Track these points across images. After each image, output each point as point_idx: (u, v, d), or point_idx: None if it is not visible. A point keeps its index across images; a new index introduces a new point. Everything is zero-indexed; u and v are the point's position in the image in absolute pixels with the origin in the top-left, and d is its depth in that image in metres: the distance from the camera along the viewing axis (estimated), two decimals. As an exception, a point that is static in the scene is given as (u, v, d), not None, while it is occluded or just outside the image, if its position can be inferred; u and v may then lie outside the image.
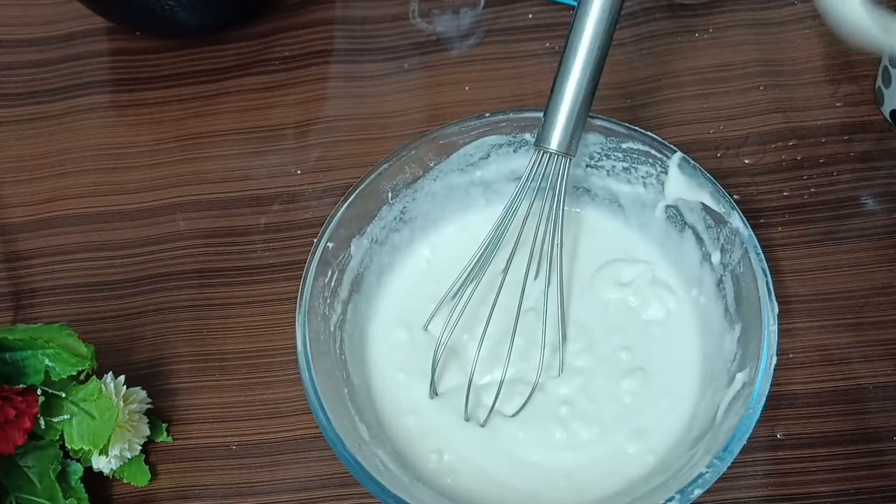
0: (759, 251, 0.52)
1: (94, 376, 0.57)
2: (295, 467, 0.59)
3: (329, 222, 0.56)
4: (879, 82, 0.66)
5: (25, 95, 0.77)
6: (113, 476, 0.59)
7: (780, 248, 0.62)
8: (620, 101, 0.69)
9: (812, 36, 0.70)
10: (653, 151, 0.57)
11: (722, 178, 0.64)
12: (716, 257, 0.56)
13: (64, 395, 0.55)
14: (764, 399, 0.48)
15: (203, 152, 0.72)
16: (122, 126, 0.75)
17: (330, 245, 0.55)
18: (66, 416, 0.55)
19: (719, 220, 0.55)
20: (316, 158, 0.70)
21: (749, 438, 0.48)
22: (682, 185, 0.56)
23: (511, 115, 0.58)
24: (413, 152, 0.58)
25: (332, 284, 0.56)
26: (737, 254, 0.54)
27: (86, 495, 0.57)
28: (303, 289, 0.54)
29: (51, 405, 0.55)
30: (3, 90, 0.77)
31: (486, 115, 0.58)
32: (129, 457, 0.58)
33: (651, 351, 0.57)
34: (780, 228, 0.63)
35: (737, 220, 0.53)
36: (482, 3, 0.75)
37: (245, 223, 0.68)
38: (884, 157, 0.65)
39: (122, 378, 0.58)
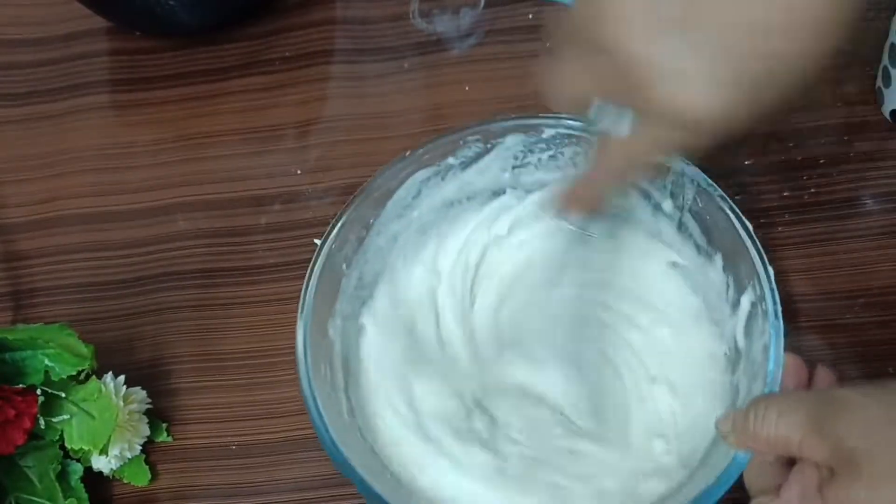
0: (711, 182, 0.54)
1: (94, 376, 0.57)
2: (294, 467, 0.59)
3: (302, 309, 0.53)
4: (879, 82, 0.66)
5: (25, 95, 0.77)
6: (113, 476, 0.59)
7: (780, 248, 0.62)
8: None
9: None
10: (574, 132, 0.57)
11: (722, 178, 0.64)
12: (667, 205, 0.56)
13: (64, 394, 0.55)
14: (780, 310, 0.49)
15: (203, 152, 0.72)
16: (122, 126, 0.75)
17: (308, 338, 0.53)
18: (65, 416, 0.55)
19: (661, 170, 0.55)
20: (316, 158, 0.70)
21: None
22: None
23: (430, 145, 0.58)
24: (354, 213, 0.57)
25: (329, 377, 0.54)
26: (689, 193, 0.55)
27: (86, 495, 0.57)
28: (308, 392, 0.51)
29: (51, 405, 0.55)
30: (3, 90, 0.77)
31: (407, 153, 0.58)
32: (129, 457, 0.58)
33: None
34: (780, 228, 0.63)
35: (678, 163, 0.54)
36: (482, 3, 0.75)
37: (246, 223, 0.68)
38: (884, 157, 0.65)
39: (122, 378, 0.58)
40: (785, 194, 0.64)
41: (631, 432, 0.55)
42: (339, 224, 0.56)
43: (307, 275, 0.54)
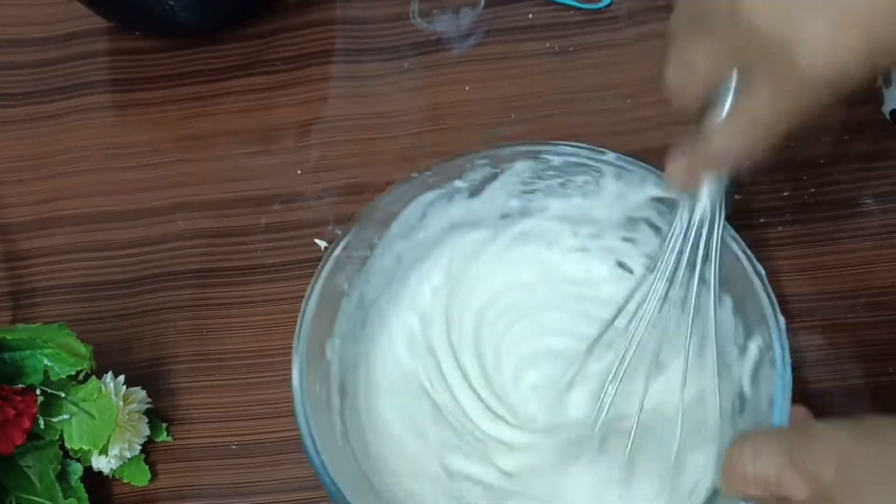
0: (726, 222, 0.52)
1: (94, 376, 0.57)
2: (294, 467, 0.59)
3: (299, 329, 0.53)
4: (879, 82, 0.65)
5: (25, 95, 0.77)
6: (113, 476, 0.59)
7: (780, 247, 0.62)
8: (620, 102, 0.69)
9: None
10: (584, 160, 0.56)
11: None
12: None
13: (63, 394, 0.55)
14: (790, 360, 0.48)
15: (203, 152, 0.72)
16: (122, 126, 0.75)
17: (306, 355, 0.52)
18: (65, 416, 0.55)
19: (671, 205, 0.53)
20: (316, 158, 0.70)
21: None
22: (622, 186, 0.56)
23: (437, 167, 0.57)
24: (357, 233, 0.56)
25: (324, 397, 0.54)
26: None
27: (85, 495, 0.57)
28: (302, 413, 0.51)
29: (50, 405, 0.55)
30: (3, 90, 0.77)
31: (414, 175, 0.57)
32: (129, 456, 0.58)
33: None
34: (780, 228, 0.63)
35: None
36: (482, 3, 0.75)
37: (245, 223, 0.68)
38: (884, 157, 0.65)
39: (121, 378, 0.58)
40: (785, 194, 0.64)
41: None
42: (342, 243, 0.55)
43: (306, 294, 0.53)
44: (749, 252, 0.51)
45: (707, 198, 0.48)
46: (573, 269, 0.61)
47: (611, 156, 0.56)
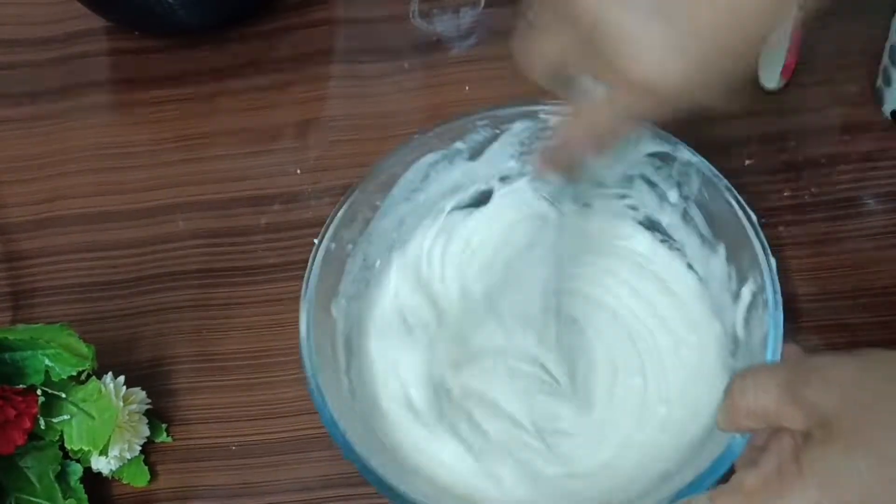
0: (717, 173, 0.54)
1: (94, 377, 0.57)
2: (295, 467, 0.59)
3: (306, 288, 0.54)
4: (880, 82, 0.65)
5: (25, 95, 0.76)
6: (112, 476, 0.59)
7: (781, 247, 0.62)
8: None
9: (812, 34, 0.70)
10: None
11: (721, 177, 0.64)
12: (672, 195, 0.57)
13: (64, 395, 0.55)
14: (780, 300, 0.50)
15: (203, 152, 0.72)
16: (122, 126, 0.75)
17: (312, 317, 0.53)
18: (65, 417, 0.55)
19: (667, 159, 0.55)
20: (316, 158, 0.70)
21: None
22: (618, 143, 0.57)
23: (438, 128, 0.58)
24: (360, 195, 0.57)
25: (332, 356, 0.54)
26: (695, 183, 0.55)
27: (85, 496, 0.57)
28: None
29: (51, 405, 0.55)
30: (3, 90, 0.77)
31: (416, 135, 0.58)
32: (129, 457, 0.58)
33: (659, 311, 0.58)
34: (780, 228, 0.63)
35: (685, 153, 0.55)
36: (482, 3, 0.75)
37: (245, 223, 0.68)
38: (884, 157, 0.65)
39: (121, 378, 0.58)
40: (785, 194, 0.64)
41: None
42: (345, 205, 0.56)
43: (311, 254, 0.54)
44: (741, 199, 0.53)
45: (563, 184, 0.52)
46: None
47: None
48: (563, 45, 0.44)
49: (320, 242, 0.55)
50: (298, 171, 0.70)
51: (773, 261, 0.51)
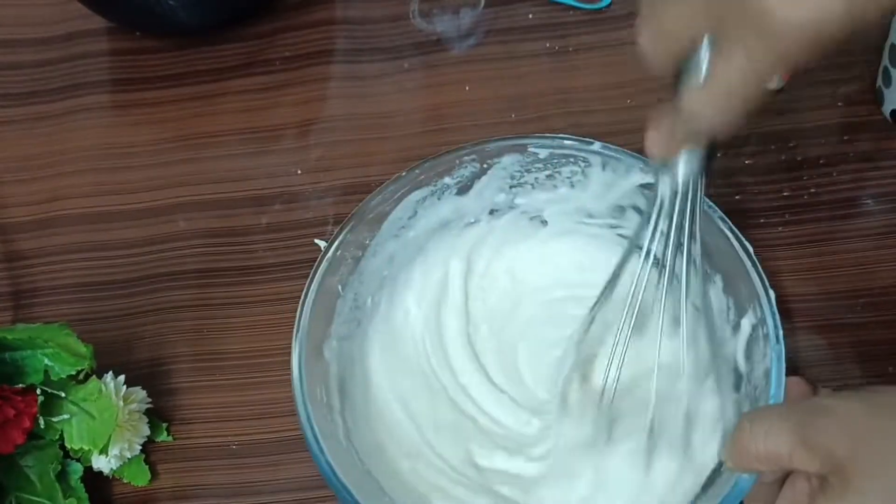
0: (711, 203, 0.53)
1: (94, 376, 0.57)
2: (295, 467, 0.59)
3: (297, 331, 0.53)
4: (879, 82, 0.66)
5: (25, 95, 0.77)
6: (113, 476, 0.59)
7: (780, 247, 0.62)
8: (621, 102, 0.69)
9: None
10: (569, 151, 0.57)
11: (722, 177, 0.64)
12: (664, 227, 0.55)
13: (63, 394, 0.55)
14: (782, 333, 0.49)
15: (203, 152, 0.72)
16: (122, 126, 0.75)
17: (303, 360, 0.52)
18: (65, 416, 0.55)
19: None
20: (316, 158, 0.70)
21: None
22: (609, 175, 0.57)
23: (427, 164, 0.58)
24: (349, 235, 0.56)
25: (325, 399, 0.54)
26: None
27: (85, 495, 0.57)
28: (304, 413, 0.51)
29: (50, 405, 0.55)
30: (3, 90, 0.77)
31: (403, 173, 0.58)
32: (129, 456, 0.58)
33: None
34: (780, 228, 0.63)
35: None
36: (482, 3, 0.75)
37: (246, 223, 0.68)
38: (884, 157, 0.65)
39: (121, 378, 0.58)
40: (785, 194, 0.64)
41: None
42: (334, 245, 0.55)
43: (302, 296, 0.54)
44: (735, 230, 0.52)
45: (686, 168, 0.47)
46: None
47: (597, 145, 0.57)
48: (695, 14, 0.41)
49: (310, 284, 0.54)
50: (299, 171, 0.70)
51: (771, 293, 0.50)
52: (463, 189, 0.59)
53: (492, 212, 0.61)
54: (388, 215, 0.58)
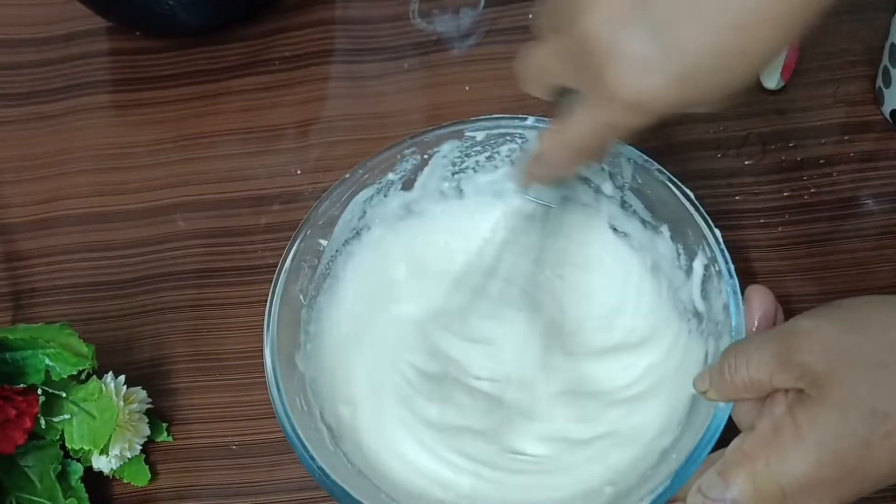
0: (648, 158, 0.55)
1: (95, 376, 0.57)
2: (295, 467, 0.59)
3: (268, 346, 0.53)
4: (879, 82, 0.66)
5: (25, 95, 0.77)
6: (113, 476, 0.59)
7: (780, 248, 0.62)
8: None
9: (812, 34, 0.70)
10: (505, 130, 0.59)
11: (722, 177, 0.64)
12: (607, 187, 0.58)
13: (64, 394, 0.55)
14: (733, 268, 0.51)
15: (203, 152, 0.72)
16: (122, 126, 0.75)
17: (279, 372, 0.53)
18: (66, 416, 0.55)
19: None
20: (316, 158, 0.70)
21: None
22: None
23: (369, 163, 0.59)
24: (303, 244, 0.57)
25: (305, 408, 0.54)
26: (627, 172, 0.56)
27: (86, 495, 0.57)
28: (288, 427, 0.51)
29: (51, 405, 0.55)
30: (3, 90, 0.77)
31: (347, 175, 0.58)
32: (130, 456, 0.58)
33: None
34: (780, 228, 0.63)
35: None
36: (482, 3, 0.75)
37: (245, 223, 0.68)
38: (884, 157, 0.65)
39: (122, 378, 0.58)
40: (785, 194, 0.64)
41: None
42: (290, 256, 0.56)
43: (266, 311, 0.54)
44: (675, 179, 0.55)
45: (538, 196, 0.53)
46: None
47: (530, 120, 0.58)
48: (560, 59, 0.44)
49: (272, 298, 0.54)
50: (298, 172, 0.70)
51: (717, 231, 0.53)
52: (407, 184, 0.61)
53: (438, 201, 0.62)
54: (339, 218, 0.59)
